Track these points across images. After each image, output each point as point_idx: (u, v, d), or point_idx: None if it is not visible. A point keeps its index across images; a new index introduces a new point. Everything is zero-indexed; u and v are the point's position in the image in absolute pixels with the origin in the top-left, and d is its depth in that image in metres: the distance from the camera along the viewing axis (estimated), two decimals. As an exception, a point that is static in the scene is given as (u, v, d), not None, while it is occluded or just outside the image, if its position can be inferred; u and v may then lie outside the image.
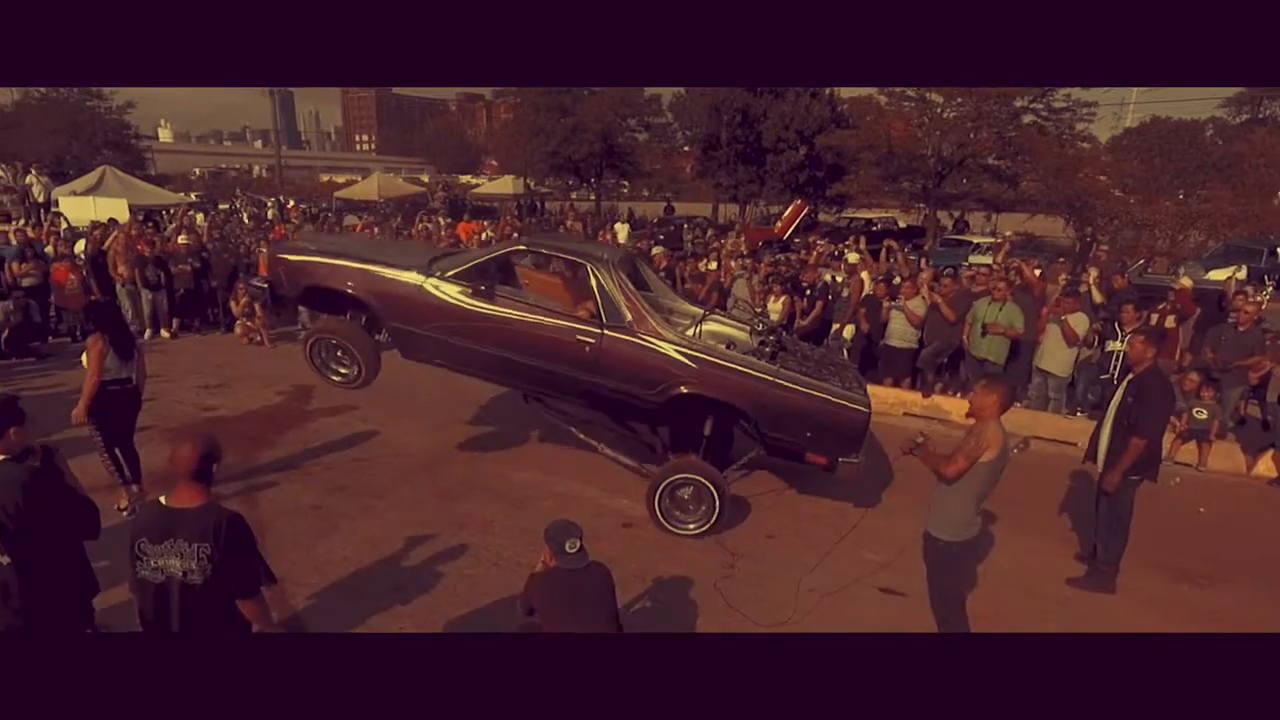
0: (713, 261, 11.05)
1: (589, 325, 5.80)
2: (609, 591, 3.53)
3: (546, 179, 33.25)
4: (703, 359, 5.69)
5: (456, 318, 5.96)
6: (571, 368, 5.88)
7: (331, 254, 6.36)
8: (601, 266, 5.80)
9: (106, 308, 5.97)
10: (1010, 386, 4.35)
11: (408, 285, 6.04)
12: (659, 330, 5.73)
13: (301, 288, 6.41)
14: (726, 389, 5.68)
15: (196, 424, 7.77)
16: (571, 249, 6.40)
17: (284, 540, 5.41)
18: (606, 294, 5.75)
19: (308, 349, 6.49)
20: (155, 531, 2.71)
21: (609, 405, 6.29)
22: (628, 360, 5.75)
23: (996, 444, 4.04)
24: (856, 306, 9.58)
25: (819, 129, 26.16)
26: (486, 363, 6.09)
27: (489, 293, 5.93)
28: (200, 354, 10.61)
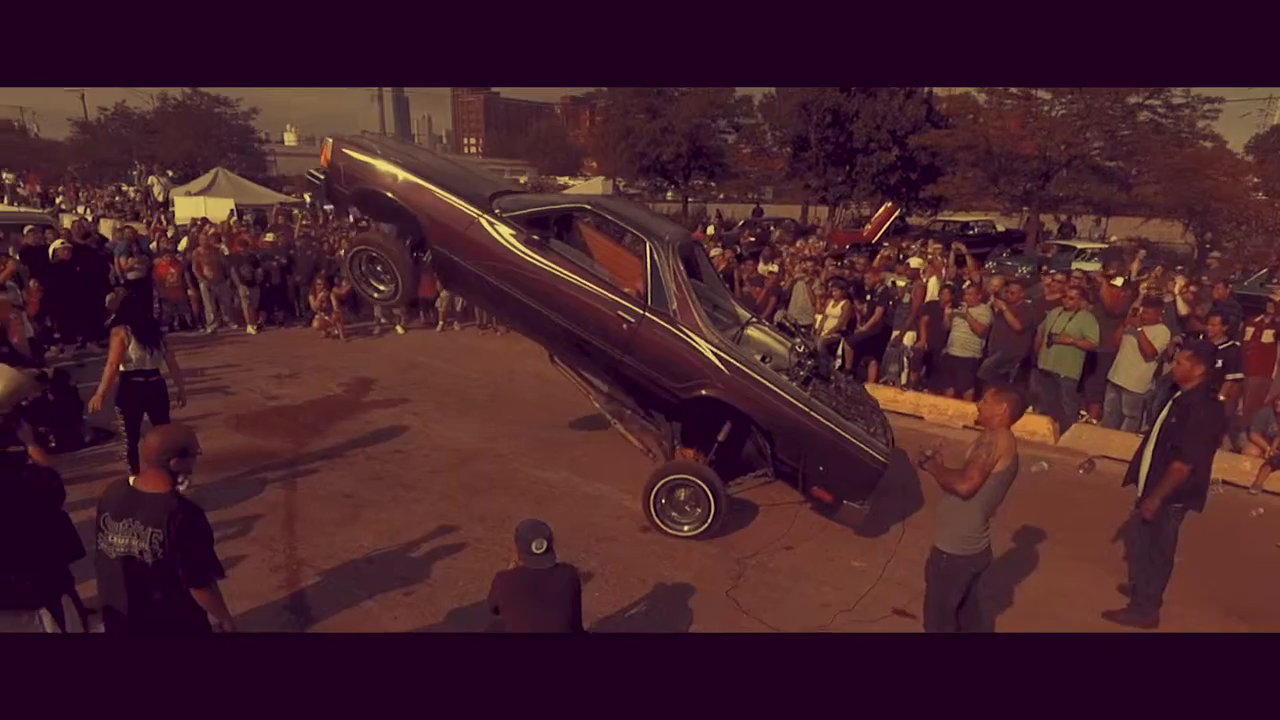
0: (773, 264, 10.81)
1: (632, 303, 5.66)
2: (572, 594, 3.50)
3: (635, 180, 33.41)
4: (736, 366, 5.54)
5: (502, 260, 5.81)
6: (604, 340, 5.76)
7: (396, 161, 6.10)
8: (660, 246, 5.62)
9: (131, 302, 6.26)
10: (1021, 395, 4.06)
11: (463, 215, 5.87)
12: (700, 326, 5.58)
13: (357, 188, 6.18)
14: (752, 402, 5.53)
15: (262, 412, 8.21)
16: (636, 220, 6.03)
17: (310, 525, 5.66)
18: (658, 275, 5.59)
19: (348, 260, 6.46)
20: (117, 508, 2.87)
21: (632, 387, 6.18)
22: (662, 348, 5.63)
23: (1008, 454, 3.79)
24: (918, 313, 9.19)
25: (913, 129, 25.20)
26: (520, 312, 6.00)
27: (541, 243, 5.76)
28: (279, 346, 11.22)
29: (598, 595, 4.88)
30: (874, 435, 5.54)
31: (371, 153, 6.21)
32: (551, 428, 7.93)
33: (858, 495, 5.54)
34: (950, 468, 3.94)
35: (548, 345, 6.43)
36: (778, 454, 5.75)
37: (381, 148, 6.36)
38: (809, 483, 5.69)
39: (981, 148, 23.67)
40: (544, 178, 56.98)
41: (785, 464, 5.79)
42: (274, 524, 5.65)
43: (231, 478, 6.40)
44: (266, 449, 7.11)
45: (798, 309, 10.14)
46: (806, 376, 5.82)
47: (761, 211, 34.33)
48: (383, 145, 6.48)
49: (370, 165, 6.13)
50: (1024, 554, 5.79)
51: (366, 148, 6.29)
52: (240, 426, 7.67)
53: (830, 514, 5.78)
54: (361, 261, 6.37)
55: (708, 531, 5.64)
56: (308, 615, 4.54)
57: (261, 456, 6.92)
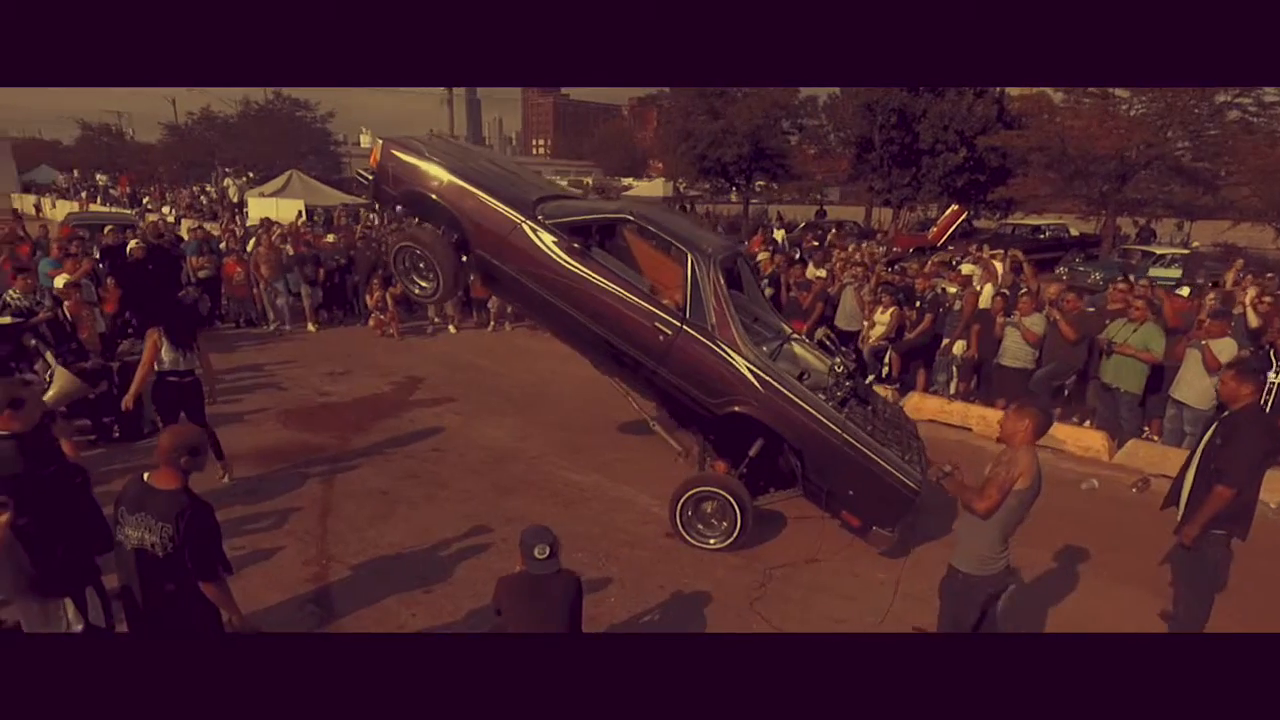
0: (821, 269, 10.64)
1: (670, 315, 5.63)
2: (573, 601, 3.52)
3: (696, 182, 33.33)
4: (772, 384, 5.45)
5: (543, 266, 5.82)
6: (640, 351, 5.75)
7: (443, 164, 6.18)
8: (701, 260, 5.57)
9: (167, 305, 6.48)
10: (1045, 411, 3.90)
11: (505, 220, 5.91)
12: (737, 341, 5.51)
13: (404, 189, 6.28)
14: (786, 421, 5.44)
15: (312, 408, 8.50)
16: (677, 232, 5.94)
17: (344, 521, 5.83)
18: (698, 289, 5.55)
19: (393, 254, 6.58)
20: (131, 503, 3.02)
21: (665, 398, 6.13)
22: (698, 362, 5.59)
23: (1029, 473, 3.64)
24: (968, 321, 8.91)
25: (982, 129, 24.45)
26: (558, 318, 6.03)
27: (581, 252, 5.76)
28: (335, 343, 11.59)
29: (613, 601, 4.90)
30: (909, 462, 5.40)
31: (419, 154, 6.29)
32: (587, 430, 7.97)
33: (886, 522, 5.41)
34: (969, 485, 3.81)
35: (584, 352, 6.44)
36: (808, 474, 5.65)
37: (429, 150, 6.42)
38: (838, 505, 5.58)
39: (1055, 148, 22.83)
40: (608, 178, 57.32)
41: (815, 484, 5.68)
42: (310, 518, 5.84)
43: (275, 471, 6.64)
44: (312, 444, 7.35)
45: (846, 315, 9.96)
46: (844, 397, 5.70)
47: (825, 213, 33.86)
48: (430, 147, 6.53)
49: (417, 167, 6.23)
50: (1063, 575, 5.56)
51: (414, 149, 6.37)
52: (289, 422, 7.95)
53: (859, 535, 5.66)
54: (406, 257, 6.47)
55: (732, 546, 5.57)
56: (331, 609, 4.68)
57: (306, 451, 7.16)
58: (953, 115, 24.71)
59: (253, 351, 10.87)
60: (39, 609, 3.45)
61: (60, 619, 3.48)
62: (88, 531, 3.47)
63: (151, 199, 29.03)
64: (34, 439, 3.47)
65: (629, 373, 6.13)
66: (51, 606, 3.44)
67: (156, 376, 5.83)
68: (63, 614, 3.48)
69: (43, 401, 3.80)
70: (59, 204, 31.60)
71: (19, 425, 3.37)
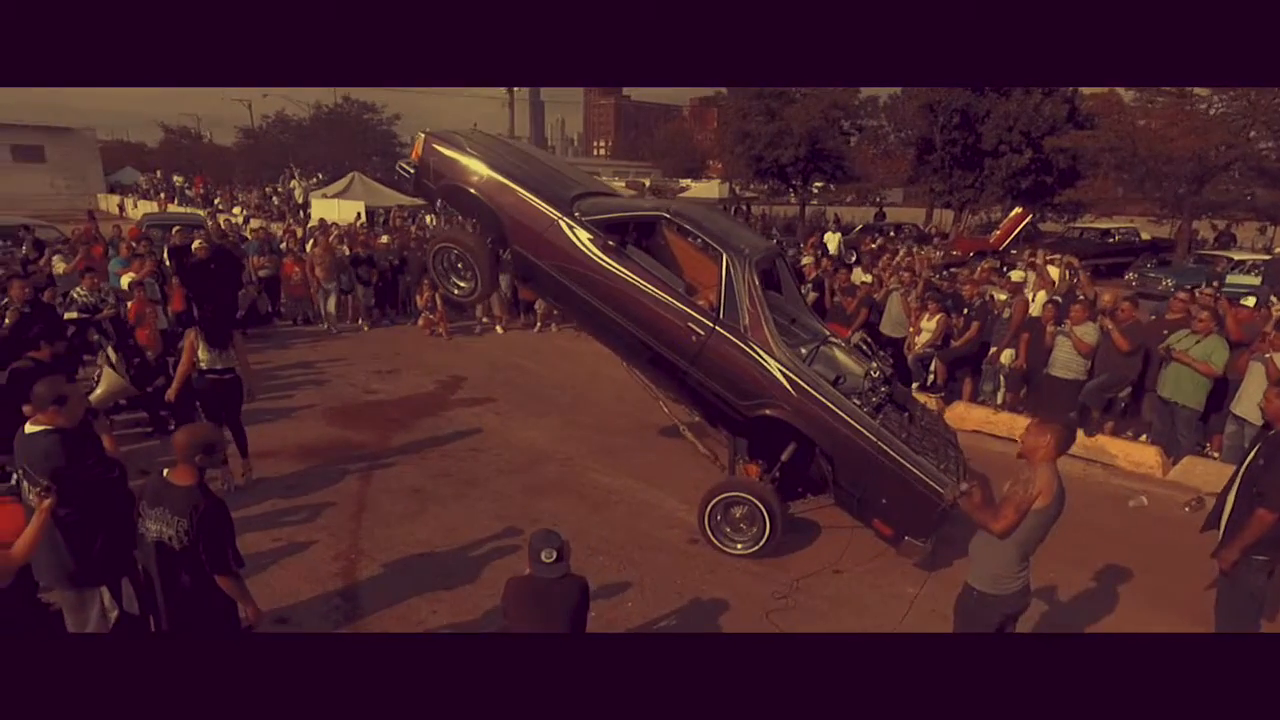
0: (867, 274, 10.46)
1: (703, 315, 5.60)
2: (576, 606, 3.53)
3: (752, 183, 33.09)
4: (805, 388, 5.38)
5: (577, 263, 5.84)
6: (672, 351, 5.73)
7: (483, 159, 6.21)
8: (737, 260, 5.52)
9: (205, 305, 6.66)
10: (1068, 426, 3.75)
11: (543, 216, 5.94)
12: (770, 343, 5.46)
13: (444, 183, 6.33)
14: (818, 426, 5.37)
15: (357, 405, 8.74)
16: (715, 232, 5.83)
17: (377, 517, 5.98)
18: (732, 289, 5.51)
19: (431, 256, 6.67)
20: (152, 497, 3.17)
21: (697, 399, 6.09)
22: (730, 364, 5.55)
23: (1049, 491, 3.51)
24: (1017, 329, 8.64)
25: (1050, 130, 23.66)
26: (592, 316, 6.03)
27: (616, 250, 5.76)
28: (385, 342, 11.89)
29: (630, 606, 4.92)
30: (945, 471, 5.27)
31: (460, 149, 6.34)
32: (623, 432, 8.01)
33: (920, 532, 5.27)
34: (985, 505, 3.70)
35: (617, 350, 6.43)
36: (839, 480, 5.57)
37: (470, 144, 6.47)
38: (870, 513, 5.48)
39: (1128, 149, 21.98)
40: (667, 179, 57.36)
41: (847, 491, 5.59)
42: (345, 513, 6.01)
43: (316, 467, 6.86)
44: (354, 441, 7.56)
45: (891, 321, 9.78)
46: (879, 403, 5.60)
47: (884, 215, 33.24)
48: (472, 141, 6.58)
49: (457, 161, 6.29)
50: (1099, 595, 5.35)
51: (455, 144, 6.42)
52: (333, 419, 8.19)
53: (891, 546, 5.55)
54: (444, 258, 6.57)
55: (761, 552, 5.53)
56: (356, 603, 4.81)
57: (347, 448, 7.37)
58: (1018, 115, 23.98)
59: (306, 349, 11.24)
60: (75, 597, 3.65)
61: (96, 607, 3.68)
62: (124, 524, 3.64)
63: (223, 199, 30.27)
64: (77, 435, 3.67)
65: (662, 373, 6.11)
66: (88, 595, 3.63)
67: (198, 373, 6.07)
68: (98, 602, 3.68)
69: (85, 399, 4.01)
70: (140, 204, 33.21)
71: (63, 421, 3.57)
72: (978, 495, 3.80)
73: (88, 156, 42.32)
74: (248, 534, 5.53)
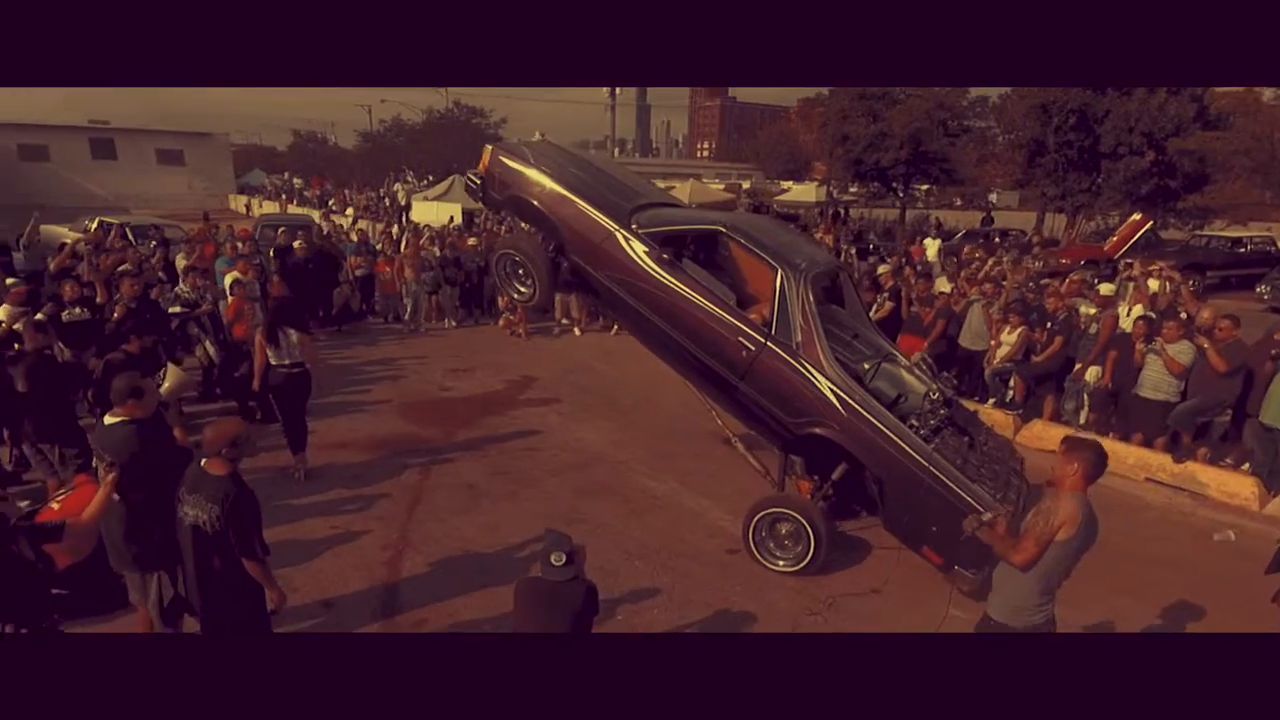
0: (948, 283, 10.07)
1: (754, 330, 5.57)
2: (581, 610, 3.59)
3: (851, 186, 32.29)
4: (855, 408, 5.24)
5: (632, 275, 5.89)
6: (722, 365, 5.71)
7: (546, 171, 6.34)
8: (792, 275, 5.46)
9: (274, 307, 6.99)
10: (1098, 452, 3.51)
11: (600, 228, 6.03)
12: (822, 361, 5.36)
13: (509, 194, 6.50)
14: (866, 447, 5.23)
15: (429, 401, 9.12)
16: (770, 246, 5.73)
17: (429, 510, 6.25)
18: (785, 305, 5.45)
19: (495, 261, 6.88)
20: (190, 484, 3.45)
21: (747, 414, 6.02)
22: (780, 380, 5.48)
23: (1072, 522, 3.33)
24: (1105, 345, 8.14)
25: (1175, 130, 21.99)
26: (645, 327, 6.07)
27: (671, 262, 5.79)
28: (466, 341, 12.33)
29: (656, 613, 4.96)
30: (1002, 500, 5.04)
31: (524, 160, 6.49)
32: (680, 438, 8.03)
33: (970, 562, 5.05)
34: (1008, 536, 3.54)
35: (669, 362, 6.45)
36: (887, 504, 5.41)
37: (534, 155, 6.59)
38: (919, 540, 5.29)
39: (1265, 151, 20.26)
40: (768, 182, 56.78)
41: (895, 516, 5.42)
42: (400, 505, 6.30)
43: (382, 459, 7.22)
44: (420, 436, 7.91)
45: (971, 333, 9.39)
46: (937, 426, 5.43)
47: (991, 220, 31.76)
48: (536, 153, 6.70)
49: (521, 173, 6.43)
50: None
51: (521, 155, 6.56)
52: (405, 414, 8.58)
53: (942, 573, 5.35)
54: (506, 263, 6.74)
55: (804, 571, 5.44)
56: (395, 595, 5.04)
57: (414, 442, 7.71)
58: (1140, 115, 22.40)
59: (392, 345, 11.79)
60: (139, 579, 4.01)
61: (155, 589, 4.01)
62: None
63: (336, 201, 32.04)
64: (150, 425, 4.02)
65: (713, 386, 6.09)
66: (149, 578, 3.98)
67: (270, 368, 6.49)
68: (157, 584, 4.01)
69: (159, 393, 4.38)
70: (264, 205, 35.57)
71: (140, 412, 3.93)
72: (1001, 525, 3.64)
73: (221, 160, 45.71)
74: (308, 520, 5.95)
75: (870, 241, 27.49)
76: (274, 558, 5.24)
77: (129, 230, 14.54)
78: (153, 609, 4.02)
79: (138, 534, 3.84)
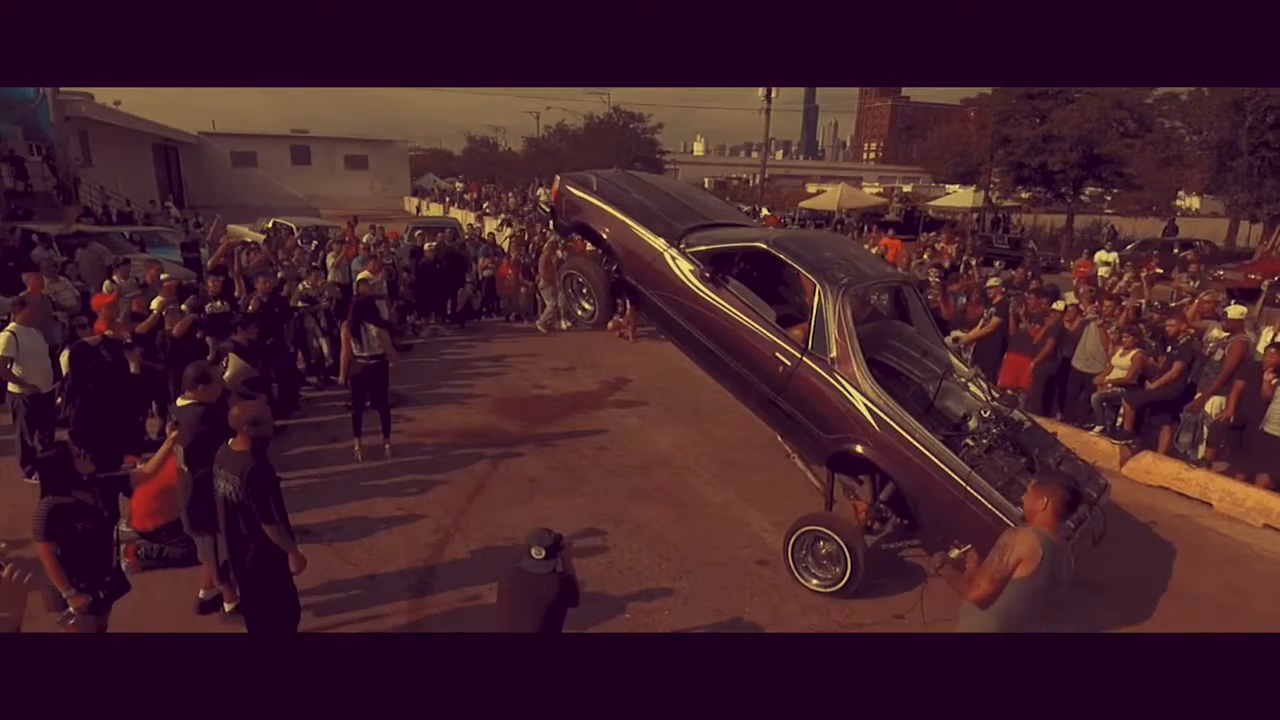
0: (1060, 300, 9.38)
1: (791, 346, 5.64)
2: (554, 602, 3.81)
3: (1013, 191, 30.31)
4: (889, 424, 5.17)
5: (679, 293, 6.12)
6: (762, 379, 5.81)
7: (606, 198, 6.73)
8: (831, 290, 5.49)
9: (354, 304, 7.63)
10: (1070, 488, 3.31)
11: (651, 249, 6.31)
12: (857, 376, 5.34)
13: (575, 220, 6.95)
14: (899, 464, 5.14)
15: (522, 398, 9.65)
16: (810, 262, 5.80)
17: (487, 500, 6.70)
18: (822, 321, 5.49)
19: (561, 281, 7.36)
20: (220, 461, 4.00)
21: (788, 429, 6.06)
22: (815, 395, 5.51)
23: (1032, 558, 3.18)
24: (1230, 374, 7.34)
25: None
26: (691, 343, 6.27)
27: (714, 280, 5.96)
28: (576, 342, 12.85)
29: (665, 614, 5.10)
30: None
31: (588, 188, 6.90)
32: (749, 448, 8.03)
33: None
34: (967, 572, 3.42)
35: (715, 378, 6.55)
36: (923, 524, 5.26)
37: (599, 183, 7.00)
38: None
39: None
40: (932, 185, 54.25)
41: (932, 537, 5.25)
42: (463, 493, 6.79)
43: (462, 448, 7.78)
44: (503, 429, 8.43)
45: (1086, 355, 8.72)
46: (989, 444, 5.24)
47: (1176, 229, 28.79)
48: (600, 180, 7.11)
49: (586, 200, 6.86)
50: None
51: (586, 184, 6.96)
52: (497, 408, 9.15)
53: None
54: (572, 283, 7.19)
55: (839, 594, 5.36)
56: (432, 576, 5.48)
57: (495, 435, 8.24)
58: (1357, 111, 19.64)
59: (505, 344, 12.52)
60: (202, 542, 4.67)
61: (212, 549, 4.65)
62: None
63: (490, 204, 33.99)
64: (216, 408, 4.67)
65: (755, 403, 6.15)
66: (205, 540, 4.63)
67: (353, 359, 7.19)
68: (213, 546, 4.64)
69: (223, 380, 5.06)
70: (431, 206, 38.35)
71: (207, 396, 4.60)
72: (970, 561, 3.52)
73: (399, 164, 49.75)
74: (377, 499, 6.56)
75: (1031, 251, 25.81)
76: (339, 532, 5.92)
77: (296, 229, 16.28)
78: (212, 567, 4.67)
79: (199, 503, 4.48)
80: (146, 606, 4.86)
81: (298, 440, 7.78)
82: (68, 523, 3.63)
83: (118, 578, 3.96)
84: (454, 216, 26.82)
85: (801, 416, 5.64)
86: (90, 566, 3.73)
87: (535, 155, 61.38)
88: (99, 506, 3.80)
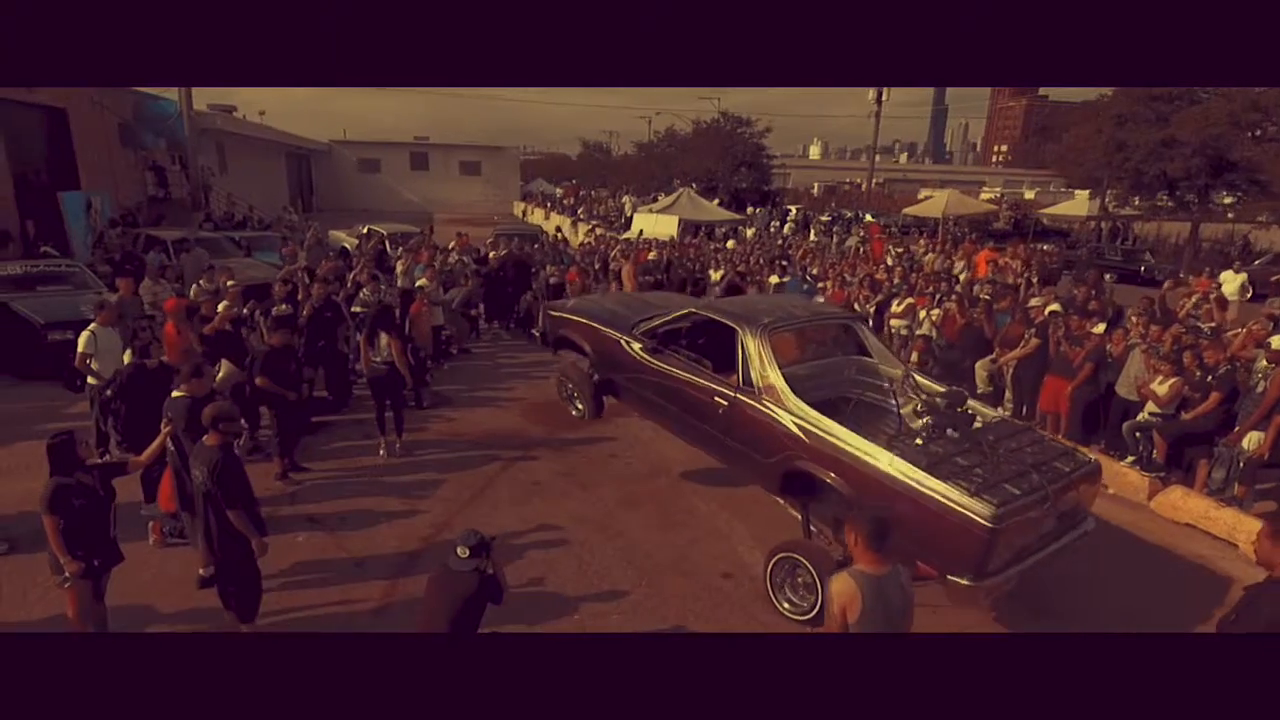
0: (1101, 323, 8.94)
1: (725, 388, 6.17)
2: (470, 598, 4.17)
3: (1131, 198, 28.30)
4: (815, 433, 5.42)
5: (635, 369, 7.05)
6: (709, 424, 6.34)
7: (577, 312, 8.15)
8: (750, 332, 6.05)
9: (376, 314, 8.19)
10: (876, 520, 3.28)
11: (611, 340, 7.40)
12: (782, 399, 5.71)
13: (557, 335, 8.32)
14: (833, 468, 5.30)
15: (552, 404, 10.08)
16: (729, 313, 6.54)
17: (488, 500, 7.16)
18: (747, 359, 6.01)
19: (557, 385, 8.47)
20: (195, 454, 4.62)
21: (741, 463, 6.29)
22: (751, 424, 5.92)
23: (852, 603, 3.17)
24: (1270, 408, 6.86)
25: None
26: (658, 411, 7.04)
27: (656, 350, 6.89)
28: (627, 349, 13.19)
29: (615, 618, 5.36)
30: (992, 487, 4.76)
31: (565, 309, 8.48)
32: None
33: (961, 569, 4.78)
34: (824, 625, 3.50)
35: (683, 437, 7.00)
36: None
37: (574, 304, 8.81)
38: (911, 557, 5.13)
39: None
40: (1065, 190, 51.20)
41: None
42: (467, 492, 7.28)
43: (481, 450, 8.29)
44: (525, 433, 8.89)
45: (1128, 381, 8.30)
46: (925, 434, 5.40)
47: (1322, 242, 26.15)
48: (576, 302, 9.20)
49: (564, 317, 8.24)
50: None
51: (563, 307, 8.66)
52: (526, 412, 9.63)
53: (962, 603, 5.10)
54: (564, 387, 8.21)
55: (807, 624, 5.41)
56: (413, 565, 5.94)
57: (516, 438, 8.71)
58: None
59: (560, 349, 13.02)
60: (189, 519, 5.33)
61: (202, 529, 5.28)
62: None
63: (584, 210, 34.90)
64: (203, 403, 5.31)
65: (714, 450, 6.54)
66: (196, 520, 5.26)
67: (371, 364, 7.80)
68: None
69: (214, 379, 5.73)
70: (534, 211, 39.77)
71: (196, 390, 5.26)
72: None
73: (510, 170, 51.80)
74: (389, 495, 7.12)
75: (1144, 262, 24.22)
76: (345, 522, 6.50)
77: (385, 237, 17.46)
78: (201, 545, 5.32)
79: (186, 488, 5.15)
80: (161, 577, 5.61)
81: (339, 435, 8.51)
82: (68, 500, 4.31)
83: (112, 549, 4.62)
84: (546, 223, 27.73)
85: (747, 449, 6.01)
86: (86, 538, 4.40)
87: (644, 160, 62.17)
88: (96, 487, 4.47)
